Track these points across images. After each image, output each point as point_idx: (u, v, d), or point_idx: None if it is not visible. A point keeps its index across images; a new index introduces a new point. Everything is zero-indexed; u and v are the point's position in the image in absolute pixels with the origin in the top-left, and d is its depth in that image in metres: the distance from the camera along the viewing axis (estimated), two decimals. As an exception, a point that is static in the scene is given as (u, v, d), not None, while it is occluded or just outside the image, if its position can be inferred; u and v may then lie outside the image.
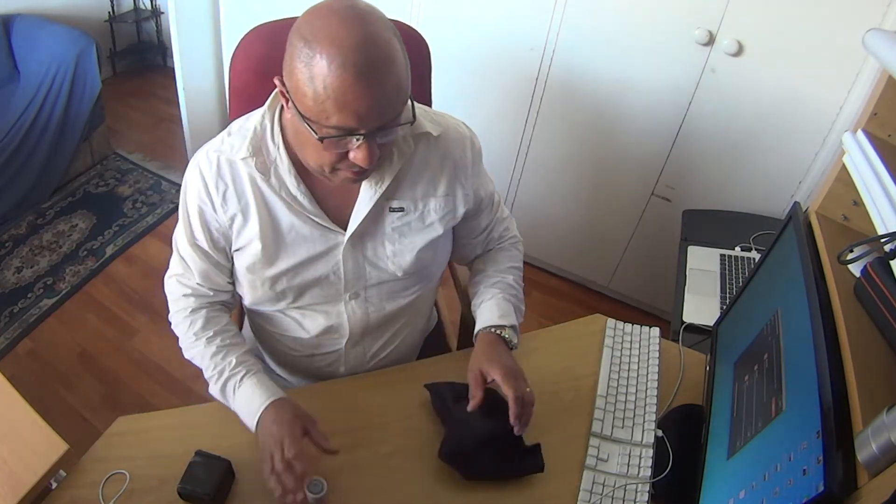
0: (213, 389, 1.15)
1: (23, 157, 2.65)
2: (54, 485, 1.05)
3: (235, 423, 1.16)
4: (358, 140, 0.92)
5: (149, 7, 3.68)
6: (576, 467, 1.13)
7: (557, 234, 2.61)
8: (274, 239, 1.11)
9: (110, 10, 3.51)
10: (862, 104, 1.46)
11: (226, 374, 1.13)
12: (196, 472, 1.03)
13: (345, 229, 1.12)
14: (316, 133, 0.91)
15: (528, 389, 1.09)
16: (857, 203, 1.14)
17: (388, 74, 0.89)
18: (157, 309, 2.47)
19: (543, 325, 1.45)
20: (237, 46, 1.37)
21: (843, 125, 1.80)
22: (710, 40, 1.87)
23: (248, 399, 1.09)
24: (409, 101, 0.96)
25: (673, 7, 1.90)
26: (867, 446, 0.84)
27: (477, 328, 1.22)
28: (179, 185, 2.99)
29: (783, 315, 1.02)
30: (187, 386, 2.22)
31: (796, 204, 1.05)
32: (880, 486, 0.78)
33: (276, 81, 0.96)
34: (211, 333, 1.16)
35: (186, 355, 1.20)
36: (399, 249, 1.15)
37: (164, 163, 3.20)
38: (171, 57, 2.95)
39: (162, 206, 2.94)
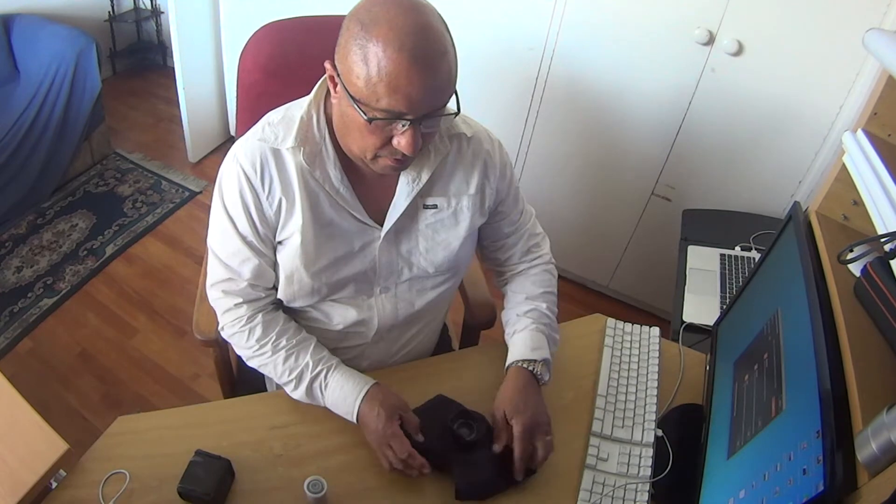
0: (296, 394, 1.15)
1: (23, 157, 2.65)
2: (54, 484, 1.05)
3: (235, 422, 1.16)
4: (404, 126, 0.94)
5: (149, 7, 3.68)
6: (576, 467, 1.13)
7: (557, 233, 2.60)
8: (314, 233, 1.10)
9: (110, 9, 3.51)
10: (862, 104, 1.46)
11: (307, 377, 1.13)
12: (196, 472, 1.03)
13: (381, 225, 1.13)
14: (365, 115, 0.92)
15: (548, 438, 1.10)
16: (857, 203, 1.14)
17: (441, 63, 0.91)
18: (157, 309, 2.47)
19: (543, 325, 1.45)
20: (247, 44, 1.37)
21: (843, 125, 1.80)
22: (710, 40, 1.87)
23: (341, 397, 1.12)
24: (455, 95, 0.98)
25: (673, 6, 1.90)
26: (867, 446, 0.84)
27: (508, 361, 1.21)
28: (179, 185, 3.02)
29: (783, 315, 1.02)
30: (187, 386, 2.22)
31: (796, 203, 1.05)
32: (880, 485, 0.78)
33: (327, 65, 0.97)
34: (274, 338, 1.15)
35: (251, 364, 1.19)
36: (432, 246, 1.17)
37: (164, 162, 3.20)
38: (171, 56, 2.95)
39: (162, 206, 2.94)
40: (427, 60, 0.89)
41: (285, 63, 1.36)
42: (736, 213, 2.06)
